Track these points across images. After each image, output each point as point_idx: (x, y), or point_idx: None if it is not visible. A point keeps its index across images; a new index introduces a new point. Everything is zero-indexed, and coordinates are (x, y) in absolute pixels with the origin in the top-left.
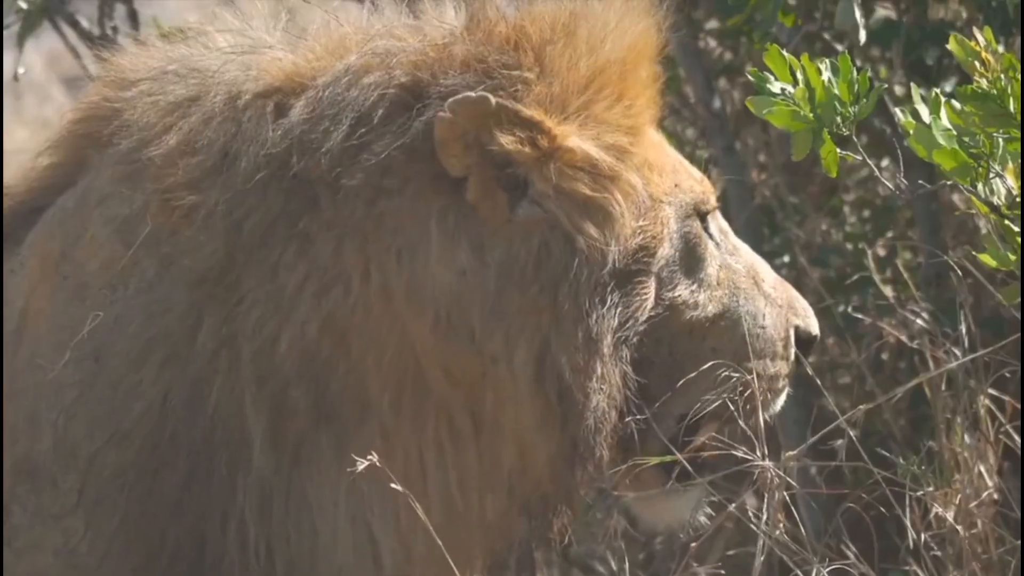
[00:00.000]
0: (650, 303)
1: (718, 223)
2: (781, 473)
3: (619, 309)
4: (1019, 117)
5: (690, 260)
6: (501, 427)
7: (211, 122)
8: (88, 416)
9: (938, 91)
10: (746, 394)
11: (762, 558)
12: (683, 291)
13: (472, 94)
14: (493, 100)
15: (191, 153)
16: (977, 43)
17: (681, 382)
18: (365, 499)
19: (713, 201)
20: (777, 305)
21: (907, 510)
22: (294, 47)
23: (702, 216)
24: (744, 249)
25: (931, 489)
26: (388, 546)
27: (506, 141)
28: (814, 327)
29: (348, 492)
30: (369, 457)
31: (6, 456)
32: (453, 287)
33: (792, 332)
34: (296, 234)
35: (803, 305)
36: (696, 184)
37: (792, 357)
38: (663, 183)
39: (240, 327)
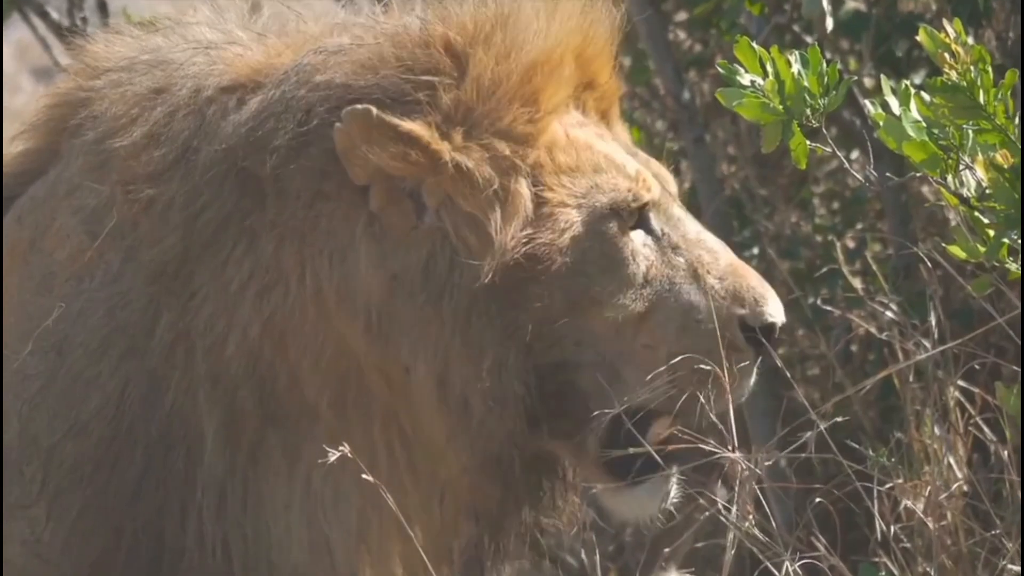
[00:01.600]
0: (547, 310)
1: (666, 215)
2: (751, 466)
3: (505, 320)
4: (989, 109)
5: (607, 261)
6: (423, 437)
7: (176, 115)
8: (49, 407)
9: (908, 83)
10: (687, 388)
11: (732, 551)
12: (599, 292)
13: (360, 106)
14: (374, 113)
15: (155, 146)
16: (947, 35)
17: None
18: (318, 500)
19: (648, 196)
20: (719, 298)
21: (876, 502)
22: (262, 42)
23: (631, 214)
24: (694, 239)
25: (900, 481)
26: (342, 546)
27: (384, 155)
28: (764, 316)
29: (302, 493)
30: (341, 448)
31: None
32: (381, 293)
33: (736, 324)
34: (245, 231)
35: (755, 295)
36: (623, 182)
37: (743, 347)
38: (575, 186)
39: (194, 323)
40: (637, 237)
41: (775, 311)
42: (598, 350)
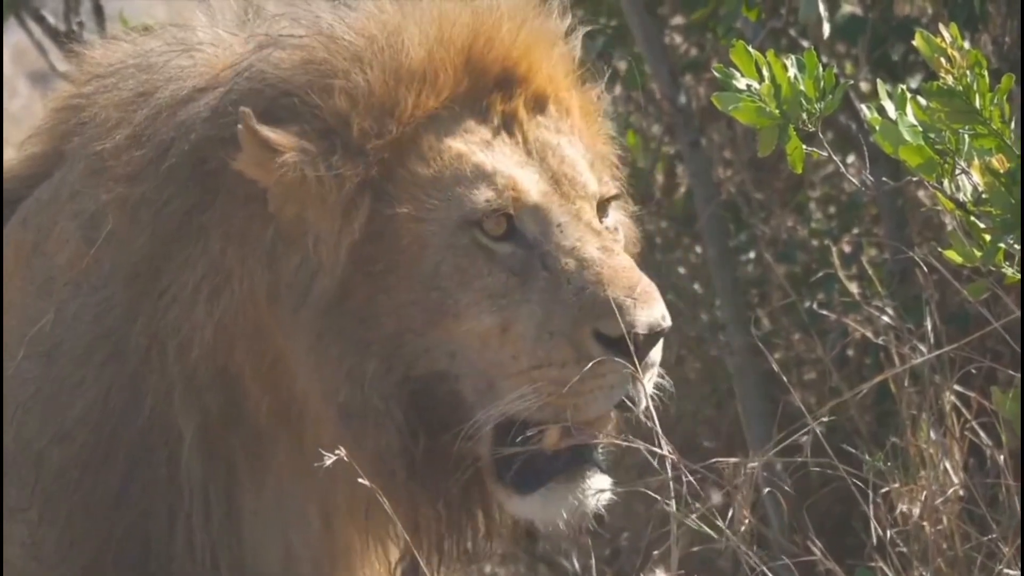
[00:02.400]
0: (405, 323)
1: (545, 222)
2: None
3: (356, 335)
4: (986, 113)
5: (461, 274)
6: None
7: (158, 117)
8: (39, 412)
9: (904, 87)
10: (549, 399)
11: (677, 543)
12: (454, 305)
13: (245, 108)
14: (246, 118)
15: (136, 147)
16: (943, 39)
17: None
18: (287, 509)
19: (514, 206)
20: (575, 308)
21: (872, 506)
22: (247, 43)
23: (496, 224)
24: (568, 248)
25: (896, 485)
26: (309, 557)
27: (250, 160)
28: (619, 326)
29: (269, 502)
30: (337, 452)
31: None
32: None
33: (591, 334)
34: (202, 228)
35: (616, 305)
36: (483, 193)
37: (600, 356)
38: (429, 198)
39: (163, 324)
40: (502, 248)
41: (635, 320)
42: (470, 361)
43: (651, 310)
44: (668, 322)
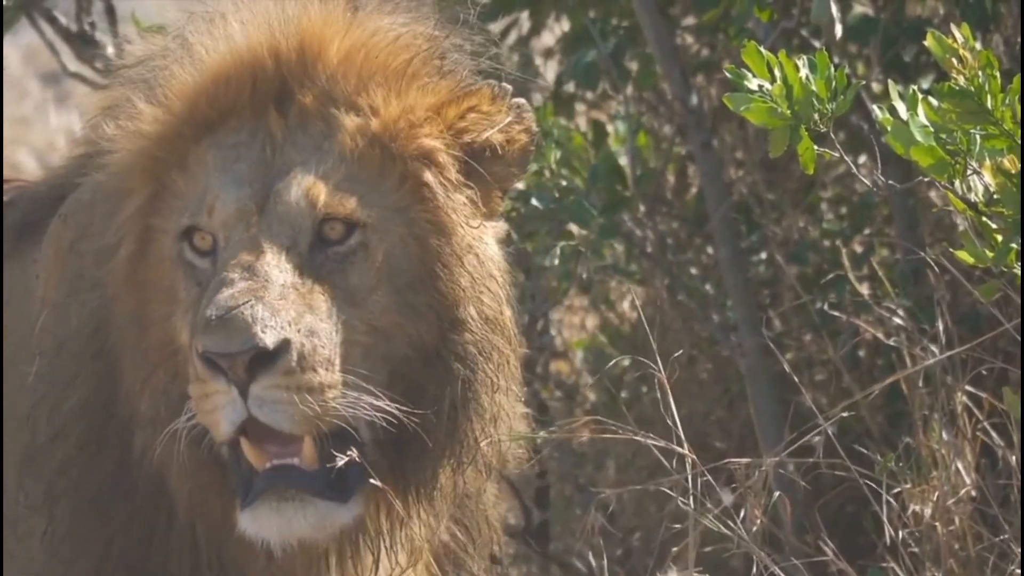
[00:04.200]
0: (152, 335)
1: (230, 243)
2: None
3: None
4: (997, 114)
5: (167, 288)
6: None
7: None
8: (45, 409)
9: (915, 88)
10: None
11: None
12: (175, 319)
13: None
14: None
15: None
16: (954, 40)
17: None
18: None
19: (206, 224)
20: (189, 327)
21: (884, 507)
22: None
23: (202, 239)
24: (220, 267)
25: (908, 486)
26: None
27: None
28: (200, 344)
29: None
30: (349, 452)
31: (17, 446)
32: None
33: (196, 354)
34: None
35: (203, 324)
36: (189, 208)
37: (204, 376)
38: (172, 212)
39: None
40: (201, 263)
41: (208, 341)
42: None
43: (231, 333)
44: (255, 345)
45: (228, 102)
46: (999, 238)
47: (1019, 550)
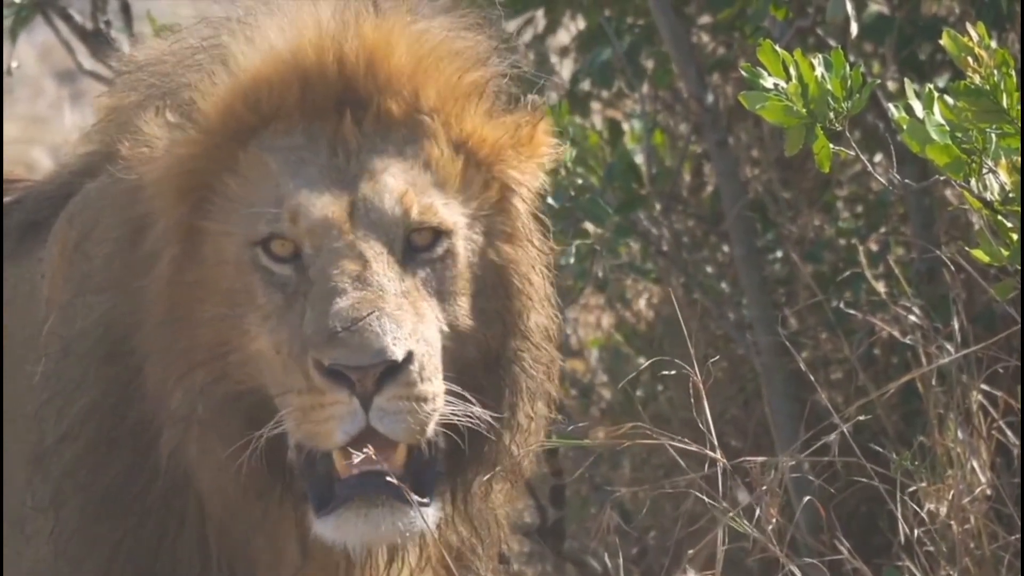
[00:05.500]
0: (202, 335)
1: (320, 248)
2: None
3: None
4: (1013, 113)
5: (246, 294)
6: None
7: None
8: (53, 411)
9: (931, 86)
10: (297, 423)
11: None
12: (239, 322)
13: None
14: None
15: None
16: (970, 38)
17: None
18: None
19: (293, 230)
20: (302, 337)
21: (900, 505)
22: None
23: (283, 245)
24: (323, 275)
25: (924, 485)
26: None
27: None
28: (325, 357)
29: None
30: (365, 450)
31: (25, 446)
32: None
33: (311, 363)
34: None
35: (326, 336)
36: (267, 214)
37: (322, 387)
38: (234, 215)
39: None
40: (282, 270)
41: (339, 354)
42: (263, 379)
43: (363, 346)
44: (387, 359)
45: (271, 106)
46: (1015, 236)
47: None
